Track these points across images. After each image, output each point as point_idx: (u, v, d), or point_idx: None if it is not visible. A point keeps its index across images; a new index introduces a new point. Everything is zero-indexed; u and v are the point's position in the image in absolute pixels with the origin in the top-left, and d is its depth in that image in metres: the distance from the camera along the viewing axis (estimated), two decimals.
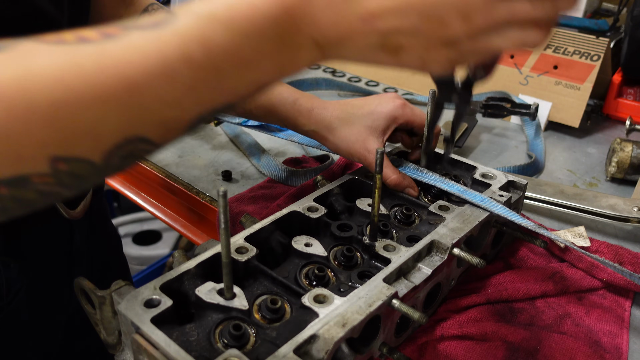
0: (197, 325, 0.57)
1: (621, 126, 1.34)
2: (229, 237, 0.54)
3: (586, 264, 0.80)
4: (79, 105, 0.34)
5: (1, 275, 0.67)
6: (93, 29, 0.37)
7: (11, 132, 0.33)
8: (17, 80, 0.33)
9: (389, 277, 0.62)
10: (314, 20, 0.40)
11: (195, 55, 0.37)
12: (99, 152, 0.36)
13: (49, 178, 0.35)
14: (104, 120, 0.35)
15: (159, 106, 0.37)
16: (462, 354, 0.67)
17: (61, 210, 0.74)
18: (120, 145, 0.37)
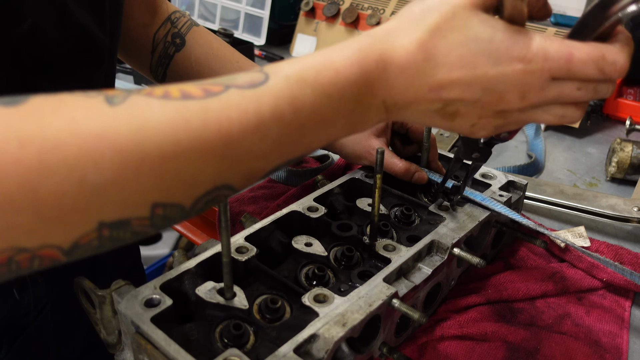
0: (197, 324, 0.57)
1: (621, 126, 1.34)
2: (229, 236, 0.54)
3: (586, 264, 0.80)
4: (184, 158, 0.37)
5: (30, 292, 0.68)
6: (194, 85, 0.40)
7: (123, 181, 0.36)
8: (132, 134, 0.36)
9: (389, 276, 0.62)
10: (387, 86, 0.44)
11: (286, 113, 0.41)
12: (192, 199, 0.40)
13: (146, 221, 0.38)
14: (201, 171, 0.39)
15: (248, 159, 0.41)
16: (462, 354, 0.67)
17: None
18: (209, 192, 0.40)
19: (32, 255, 0.36)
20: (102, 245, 0.38)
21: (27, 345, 0.70)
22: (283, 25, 1.75)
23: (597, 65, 0.43)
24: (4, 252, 0.34)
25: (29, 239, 0.35)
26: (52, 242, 0.36)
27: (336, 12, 1.62)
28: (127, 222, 0.38)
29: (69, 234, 0.36)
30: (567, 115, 0.47)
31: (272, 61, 1.64)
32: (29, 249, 0.35)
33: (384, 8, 1.56)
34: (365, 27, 1.58)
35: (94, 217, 0.36)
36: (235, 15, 1.72)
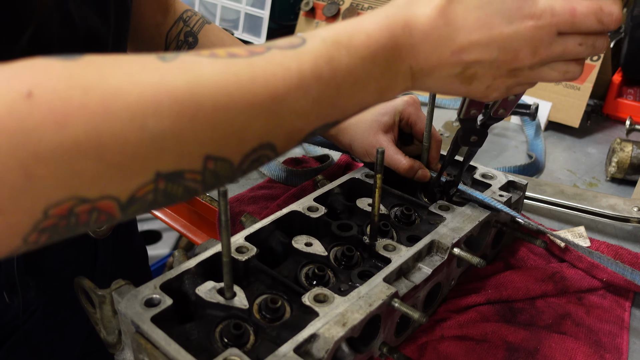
0: (197, 324, 0.57)
1: (621, 126, 1.34)
2: (230, 236, 0.54)
3: (586, 264, 0.80)
4: (235, 110, 0.39)
5: (19, 296, 0.67)
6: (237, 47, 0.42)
7: (179, 129, 0.37)
8: (188, 86, 0.37)
9: (389, 276, 0.62)
10: (414, 51, 0.47)
11: (324, 72, 0.43)
12: (240, 154, 0.41)
13: (198, 175, 0.40)
14: (250, 125, 0.41)
15: (291, 116, 0.43)
16: (462, 354, 0.67)
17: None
18: (255, 149, 0.42)
19: (92, 207, 0.36)
20: (156, 200, 0.39)
21: (17, 349, 0.70)
22: (283, 25, 1.75)
23: (596, 16, 0.47)
24: (66, 201, 0.35)
25: (91, 187, 0.35)
26: (111, 193, 0.36)
27: (336, 12, 1.62)
28: (181, 174, 0.39)
29: (128, 184, 0.37)
30: (569, 71, 0.51)
31: None
32: (89, 199, 0.36)
33: None
34: None
35: (152, 166, 0.37)
36: (235, 15, 1.72)
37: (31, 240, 0.36)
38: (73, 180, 0.34)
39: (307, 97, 0.43)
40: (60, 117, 0.33)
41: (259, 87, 0.40)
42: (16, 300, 0.67)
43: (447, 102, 1.42)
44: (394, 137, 0.83)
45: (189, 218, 1.15)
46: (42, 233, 0.36)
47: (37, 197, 0.34)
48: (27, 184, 0.33)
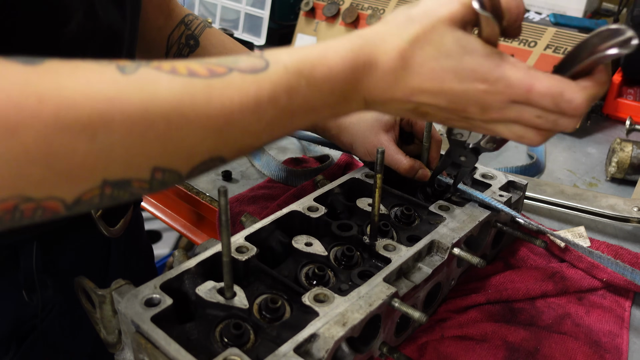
0: (198, 324, 0.57)
1: (621, 126, 1.34)
2: (230, 235, 0.54)
3: (586, 264, 0.80)
4: (187, 129, 0.41)
5: (38, 295, 0.68)
6: (199, 64, 0.43)
7: (129, 146, 0.39)
8: (142, 103, 0.39)
9: (389, 276, 0.62)
10: (370, 86, 0.50)
11: (281, 100, 0.45)
12: (188, 167, 0.43)
13: (145, 184, 0.41)
14: (201, 143, 0.42)
15: (243, 136, 0.45)
16: (462, 354, 0.67)
17: (101, 228, 0.74)
18: (204, 162, 0.44)
19: (37, 206, 0.38)
20: (101, 202, 0.41)
21: (35, 347, 0.70)
22: (283, 25, 1.75)
23: (554, 100, 0.47)
24: (11, 199, 0.36)
25: (37, 189, 0.37)
26: (57, 195, 0.38)
27: (336, 12, 1.62)
28: (128, 183, 0.40)
29: (74, 189, 0.38)
30: (526, 137, 0.51)
31: None
32: (35, 199, 0.37)
33: (384, 8, 1.56)
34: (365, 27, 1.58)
35: (99, 175, 0.39)
36: (235, 15, 1.72)
37: None
38: (19, 182, 0.36)
39: (261, 121, 0.45)
40: (12, 124, 0.34)
41: (214, 109, 0.42)
42: (35, 298, 0.68)
43: None
44: (395, 136, 0.83)
45: (189, 218, 1.15)
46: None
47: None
48: None
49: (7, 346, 0.68)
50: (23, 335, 0.69)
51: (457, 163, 0.74)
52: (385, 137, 0.82)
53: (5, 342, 0.68)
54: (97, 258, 0.81)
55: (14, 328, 0.68)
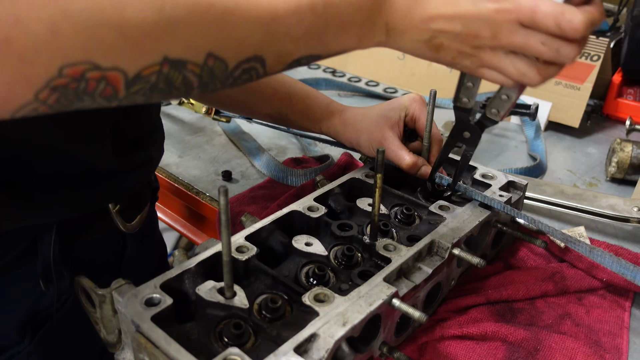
0: (198, 324, 0.57)
1: (621, 126, 1.34)
2: (230, 235, 0.54)
3: (586, 264, 0.80)
4: (239, 19, 0.46)
5: (54, 285, 0.69)
6: None
7: (191, 21, 0.43)
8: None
9: (390, 276, 0.62)
10: (391, 10, 0.54)
11: (319, 7, 0.50)
12: (236, 60, 0.47)
13: (197, 68, 0.45)
14: (250, 36, 0.47)
15: (284, 38, 0.49)
16: (462, 354, 0.67)
17: (118, 223, 0.76)
18: (249, 59, 0.48)
19: (101, 76, 0.40)
20: (157, 83, 0.44)
21: (49, 336, 0.71)
22: None
23: (555, 19, 0.50)
24: (81, 64, 0.39)
25: (105, 56, 0.39)
26: (121, 66, 0.41)
27: None
28: (184, 64, 0.44)
29: (137, 61, 0.41)
30: (527, 75, 0.54)
31: None
32: (101, 67, 0.40)
33: None
34: None
35: (162, 49, 0.42)
36: None
37: (42, 97, 0.39)
38: (92, 44, 0.38)
39: (301, 25, 0.50)
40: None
41: (263, 5, 0.47)
42: (51, 288, 0.69)
43: (447, 102, 1.42)
44: (399, 132, 0.84)
45: (189, 218, 1.15)
46: (53, 91, 0.39)
47: (57, 53, 0.37)
48: (51, 38, 0.37)
49: (23, 334, 0.69)
50: (38, 325, 0.70)
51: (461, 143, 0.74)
52: (389, 132, 0.83)
53: (21, 330, 0.69)
54: (112, 252, 0.82)
55: (30, 317, 0.69)
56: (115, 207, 0.74)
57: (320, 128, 0.92)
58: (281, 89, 0.93)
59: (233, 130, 1.22)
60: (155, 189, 0.91)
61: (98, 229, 0.75)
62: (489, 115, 0.67)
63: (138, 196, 0.80)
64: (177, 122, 1.29)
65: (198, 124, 1.27)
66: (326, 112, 0.91)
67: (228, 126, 1.23)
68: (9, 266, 0.64)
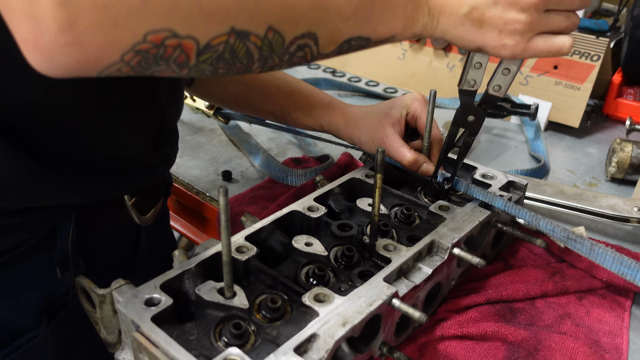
0: (198, 324, 0.57)
1: (621, 126, 1.34)
2: (230, 235, 0.54)
3: (586, 264, 0.80)
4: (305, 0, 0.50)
5: (70, 273, 0.71)
6: None
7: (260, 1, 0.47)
8: None
9: (389, 276, 0.62)
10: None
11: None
12: (292, 34, 0.51)
13: (258, 40, 0.49)
14: (305, 12, 0.51)
15: (335, 15, 0.53)
16: (462, 354, 0.67)
17: (133, 216, 0.77)
18: (303, 34, 0.52)
19: (178, 43, 0.45)
20: (223, 53, 0.48)
21: (64, 323, 0.74)
22: None
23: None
24: (162, 31, 0.43)
25: (183, 25, 0.44)
26: (195, 35, 0.45)
27: None
28: (247, 35, 0.48)
29: (209, 30, 0.46)
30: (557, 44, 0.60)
31: None
32: (179, 35, 0.44)
33: None
34: None
35: (230, 21, 0.46)
36: None
37: (126, 59, 0.44)
38: (173, 14, 0.43)
39: (350, 4, 0.53)
40: None
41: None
42: (67, 276, 0.71)
43: (447, 101, 1.42)
44: (401, 130, 0.85)
45: (189, 218, 1.15)
46: (136, 54, 0.44)
47: (144, 20, 0.42)
48: (141, 7, 0.41)
49: (39, 320, 0.71)
50: (54, 311, 0.72)
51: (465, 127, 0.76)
52: (390, 130, 0.83)
53: (38, 315, 0.71)
54: (127, 245, 0.84)
55: (47, 303, 0.72)
56: (131, 199, 0.76)
57: (321, 125, 0.92)
58: (284, 87, 0.94)
59: (233, 130, 1.21)
60: (169, 184, 0.93)
61: (114, 221, 0.77)
62: (492, 92, 0.69)
63: (153, 190, 0.81)
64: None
65: (198, 124, 1.27)
66: (328, 110, 0.91)
67: (228, 126, 1.23)
68: (29, 253, 0.66)
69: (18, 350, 0.69)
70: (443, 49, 1.45)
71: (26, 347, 0.69)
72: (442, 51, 1.45)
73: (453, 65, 1.44)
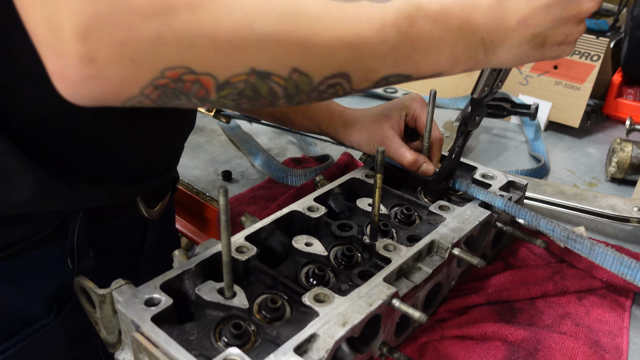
0: (198, 324, 0.57)
1: (621, 126, 1.34)
2: (230, 236, 0.54)
3: (586, 264, 0.80)
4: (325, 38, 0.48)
5: (81, 264, 0.73)
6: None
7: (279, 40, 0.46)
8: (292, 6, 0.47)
9: (389, 276, 0.62)
10: (484, 25, 0.54)
11: (403, 26, 0.51)
12: (320, 76, 0.50)
13: (282, 81, 0.48)
14: (334, 54, 0.49)
15: (369, 56, 0.51)
16: (462, 354, 0.67)
17: (141, 209, 0.80)
18: (334, 75, 0.50)
19: (196, 79, 0.45)
20: (244, 90, 0.48)
21: (73, 312, 0.75)
22: None
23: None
24: (179, 68, 0.44)
25: (199, 63, 0.44)
26: (213, 72, 0.45)
27: None
28: (269, 75, 0.48)
29: (227, 69, 0.46)
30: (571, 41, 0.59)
31: None
32: (196, 71, 0.45)
33: None
34: None
35: (249, 61, 0.46)
36: None
37: (146, 93, 0.45)
38: (189, 52, 0.44)
39: (386, 43, 0.50)
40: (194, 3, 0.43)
41: (347, 25, 0.49)
42: (77, 267, 0.73)
43: (447, 101, 1.42)
44: (400, 131, 0.85)
45: (189, 218, 1.15)
46: (155, 89, 0.45)
47: (160, 58, 0.43)
48: (157, 45, 0.42)
49: (50, 308, 0.73)
50: (64, 301, 0.74)
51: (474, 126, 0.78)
52: (390, 131, 0.83)
53: (48, 304, 0.73)
54: (135, 237, 0.86)
55: (57, 292, 0.73)
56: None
57: (320, 128, 0.92)
58: None
59: (233, 130, 1.21)
60: (176, 179, 0.94)
61: (123, 214, 0.79)
62: (495, 89, 0.71)
63: (162, 185, 0.84)
64: None
65: (198, 124, 1.27)
66: (327, 112, 0.91)
67: (228, 126, 1.23)
68: (41, 242, 0.68)
69: (28, 339, 0.70)
70: None
71: (36, 335, 0.71)
72: None
73: None
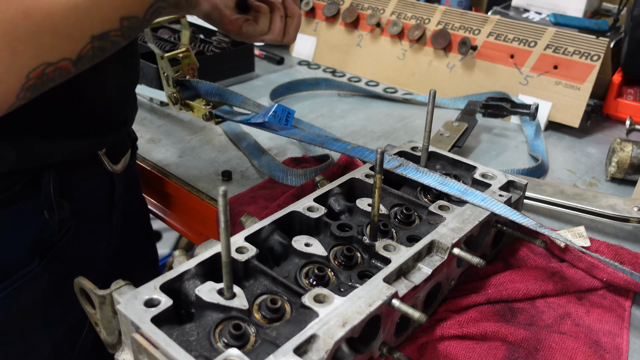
0: (197, 325, 0.57)
1: (621, 126, 1.34)
2: (229, 236, 0.54)
3: (586, 264, 0.80)
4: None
5: (55, 214, 0.78)
6: None
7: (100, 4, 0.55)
8: None
9: (389, 276, 0.62)
10: None
11: None
12: (143, 10, 0.60)
13: (118, 32, 0.58)
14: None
15: None
16: (462, 354, 0.67)
17: (105, 164, 0.87)
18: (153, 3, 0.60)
19: (55, 68, 0.54)
20: (94, 54, 0.58)
21: (56, 260, 0.80)
22: None
23: None
24: (39, 67, 0.53)
25: (52, 54, 0.53)
26: (66, 55, 0.55)
27: (336, 12, 1.62)
28: (107, 34, 0.57)
29: (75, 47, 0.55)
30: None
31: (272, 61, 1.65)
32: (52, 62, 0.54)
33: (384, 8, 1.56)
34: (365, 27, 1.58)
35: (87, 32, 0.56)
36: None
37: (21, 97, 0.54)
38: (40, 51, 0.52)
39: None
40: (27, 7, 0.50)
41: None
42: (53, 217, 0.78)
43: (447, 102, 1.42)
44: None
45: (189, 218, 1.15)
46: (27, 90, 0.54)
47: (21, 67, 0.52)
48: (13, 59, 0.51)
49: (33, 256, 0.77)
50: (45, 250, 0.79)
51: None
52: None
53: (31, 253, 0.77)
54: (104, 190, 0.92)
55: (37, 241, 0.78)
56: (102, 149, 0.86)
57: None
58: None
59: (233, 130, 1.21)
60: (134, 139, 1.02)
61: (90, 168, 0.86)
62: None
63: (121, 142, 0.91)
64: (177, 122, 1.29)
65: (198, 124, 1.27)
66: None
67: (228, 126, 1.23)
68: (15, 198, 0.74)
69: (14, 285, 0.75)
70: (443, 49, 1.45)
71: (22, 281, 0.76)
72: (442, 51, 1.45)
73: (453, 65, 1.44)
